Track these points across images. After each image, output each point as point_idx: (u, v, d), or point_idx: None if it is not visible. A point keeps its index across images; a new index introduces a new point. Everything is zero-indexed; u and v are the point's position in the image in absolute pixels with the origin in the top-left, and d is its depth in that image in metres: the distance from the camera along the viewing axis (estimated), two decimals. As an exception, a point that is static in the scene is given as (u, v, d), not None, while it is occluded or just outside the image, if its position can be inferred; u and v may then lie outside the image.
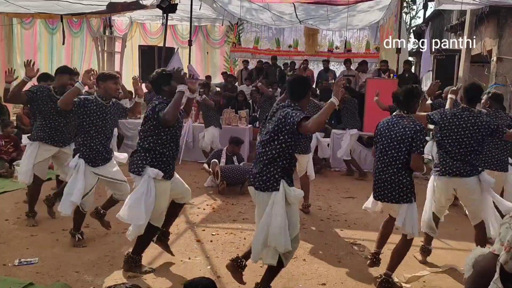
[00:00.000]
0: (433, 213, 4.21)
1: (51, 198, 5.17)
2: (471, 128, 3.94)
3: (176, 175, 3.99)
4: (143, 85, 9.27)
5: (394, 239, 3.96)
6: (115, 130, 7.37)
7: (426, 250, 4.35)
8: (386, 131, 3.68)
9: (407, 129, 3.55)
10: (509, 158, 5.06)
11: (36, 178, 4.94)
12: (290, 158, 3.27)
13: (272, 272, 3.40)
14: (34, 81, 5.16)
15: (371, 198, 3.94)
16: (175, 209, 4.14)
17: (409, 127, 3.55)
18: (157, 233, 3.97)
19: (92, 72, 4.22)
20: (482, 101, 4.93)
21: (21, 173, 4.98)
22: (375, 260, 3.91)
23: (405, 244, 3.75)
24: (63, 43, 11.02)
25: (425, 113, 4.22)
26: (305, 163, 5.80)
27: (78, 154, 4.20)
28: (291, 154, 3.26)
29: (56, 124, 4.89)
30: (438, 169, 4.09)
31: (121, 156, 4.94)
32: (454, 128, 4.00)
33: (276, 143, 3.19)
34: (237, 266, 3.48)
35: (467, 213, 4.16)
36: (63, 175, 5.15)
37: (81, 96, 4.15)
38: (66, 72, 5.00)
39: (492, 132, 3.97)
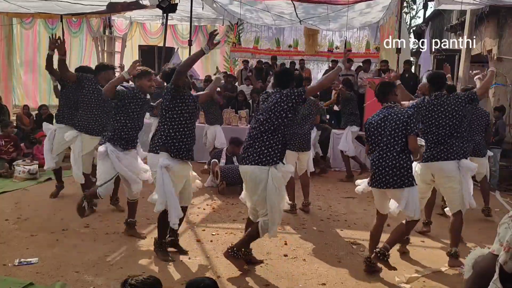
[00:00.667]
0: None
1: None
2: (449, 109, 4.16)
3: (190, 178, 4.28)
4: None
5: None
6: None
7: (405, 240, 4.43)
8: (380, 122, 3.86)
9: (399, 115, 3.77)
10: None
11: (85, 175, 5.30)
12: (284, 135, 3.74)
13: (251, 239, 3.86)
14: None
15: (363, 183, 4.11)
16: None
17: (402, 113, 3.79)
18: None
19: (139, 63, 4.40)
20: None
21: (76, 169, 5.26)
22: (370, 265, 3.96)
23: (408, 225, 3.90)
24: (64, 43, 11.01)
25: (407, 104, 4.48)
26: (305, 161, 5.80)
27: (106, 138, 4.42)
28: (285, 131, 3.73)
29: (97, 115, 5.19)
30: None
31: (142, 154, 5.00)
32: (432, 113, 4.22)
33: (274, 119, 3.66)
34: (233, 255, 3.84)
35: (446, 203, 4.37)
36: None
37: (124, 85, 4.40)
38: (108, 68, 5.28)
39: (467, 97, 4.18)
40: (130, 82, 4.62)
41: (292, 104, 3.67)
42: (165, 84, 4.27)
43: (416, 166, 4.34)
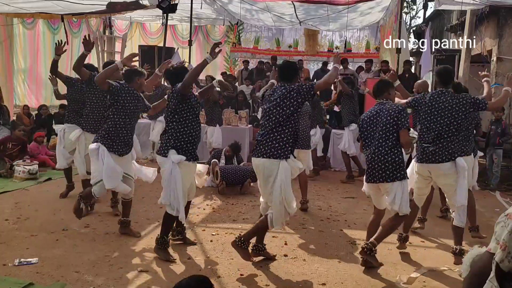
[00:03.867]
0: (412, 201, 4.33)
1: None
2: (450, 108, 4.08)
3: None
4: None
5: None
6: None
7: (403, 238, 4.47)
8: (372, 118, 3.98)
9: (391, 110, 3.87)
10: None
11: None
12: (293, 128, 3.79)
13: (261, 230, 3.97)
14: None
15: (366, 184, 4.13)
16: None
17: (392, 108, 3.89)
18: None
19: (136, 57, 4.45)
20: None
21: (80, 168, 5.41)
22: (366, 260, 3.98)
23: (396, 220, 3.96)
24: (67, 43, 11.02)
25: (405, 100, 4.46)
26: (304, 159, 5.72)
27: (99, 140, 4.34)
28: (295, 126, 3.80)
29: (103, 114, 4.95)
30: (416, 155, 4.32)
31: (150, 174, 4.89)
32: (433, 109, 4.16)
33: (284, 113, 3.74)
34: (240, 245, 3.94)
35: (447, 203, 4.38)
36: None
37: (119, 82, 4.35)
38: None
39: (474, 104, 4.06)
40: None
41: (301, 99, 3.77)
42: (166, 83, 4.31)
43: (413, 164, 4.40)
